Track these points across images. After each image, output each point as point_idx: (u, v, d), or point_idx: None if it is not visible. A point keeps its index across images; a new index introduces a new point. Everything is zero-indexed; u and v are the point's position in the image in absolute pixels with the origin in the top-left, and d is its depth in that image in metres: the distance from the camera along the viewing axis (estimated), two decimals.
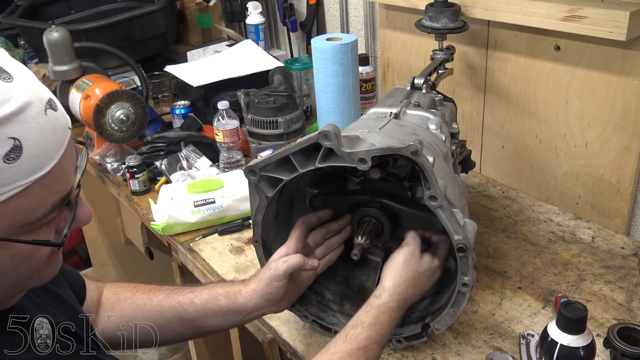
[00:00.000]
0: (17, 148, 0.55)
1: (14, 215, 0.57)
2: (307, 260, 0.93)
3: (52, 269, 0.68)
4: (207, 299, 0.94)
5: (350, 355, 0.79)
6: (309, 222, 1.01)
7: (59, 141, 0.60)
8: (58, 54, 1.68)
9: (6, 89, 0.56)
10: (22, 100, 0.56)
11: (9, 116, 0.55)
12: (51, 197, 0.60)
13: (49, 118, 0.59)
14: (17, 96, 0.56)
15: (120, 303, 0.97)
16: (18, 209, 0.57)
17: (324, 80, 1.52)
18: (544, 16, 1.21)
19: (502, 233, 1.28)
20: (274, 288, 0.92)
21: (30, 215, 0.59)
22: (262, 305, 0.93)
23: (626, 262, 1.17)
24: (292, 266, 0.91)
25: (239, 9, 2.20)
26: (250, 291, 0.93)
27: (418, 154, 0.81)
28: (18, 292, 0.66)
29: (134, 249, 2.01)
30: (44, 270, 0.66)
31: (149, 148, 1.60)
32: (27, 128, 0.56)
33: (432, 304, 0.99)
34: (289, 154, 0.87)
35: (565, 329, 0.81)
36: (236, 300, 0.93)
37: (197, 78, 1.79)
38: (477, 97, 1.51)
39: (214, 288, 0.96)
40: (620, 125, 1.22)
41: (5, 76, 0.57)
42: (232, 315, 0.93)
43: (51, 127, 0.59)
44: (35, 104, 0.58)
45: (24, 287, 0.66)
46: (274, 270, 0.92)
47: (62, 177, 0.61)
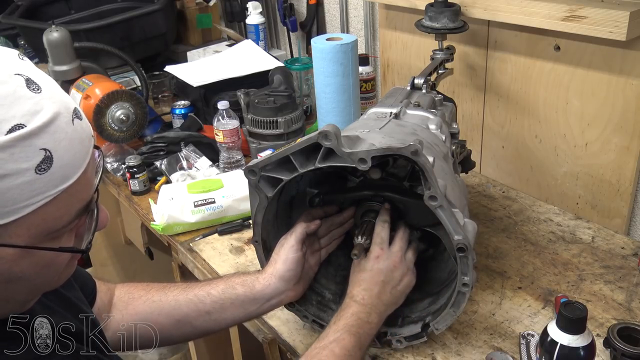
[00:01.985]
0: (48, 159, 0.56)
1: (42, 224, 0.58)
2: (309, 224, 0.96)
3: (68, 272, 0.69)
4: (223, 289, 0.94)
5: (324, 348, 0.83)
6: (316, 214, 1.02)
7: (85, 150, 0.61)
8: (58, 54, 1.68)
9: (36, 101, 0.56)
10: (52, 112, 0.57)
11: (40, 128, 0.55)
12: (76, 205, 0.61)
13: (75, 128, 0.60)
14: (47, 107, 0.57)
15: (134, 301, 0.97)
16: (46, 218, 0.58)
17: (324, 80, 1.52)
18: (544, 16, 1.21)
19: (502, 233, 1.28)
20: (290, 263, 0.93)
21: (57, 224, 0.60)
22: (280, 290, 0.94)
23: (626, 262, 1.17)
24: (300, 233, 0.94)
25: (239, 9, 2.20)
26: (267, 276, 0.94)
27: (418, 154, 0.81)
28: (36, 296, 0.67)
29: (134, 249, 2.01)
30: (62, 274, 0.67)
31: (149, 148, 1.60)
32: (57, 139, 0.57)
33: (432, 304, 0.99)
34: (289, 154, 0.87)
35: (565, 329, 0.81)
36: (254, 288, 0.93)
37: (197, 78, 1.79)
38: (477, 97, 1.51)
39: (230, 278, 0.97)
40: (620, 125, 1.22)
41: (34, 87, 0.57)
42: (250, 304, 0.94)
43: (78, 136, 0.60)
44: (63, 115, 0.58)
45: (42, 290, 0.68)
46: (285, 244, 0.94)
47: (87, 185, 0.62)
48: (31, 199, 0.56)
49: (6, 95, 0.54)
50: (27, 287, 0.63)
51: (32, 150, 0.55)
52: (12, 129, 0.54)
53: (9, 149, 0.53)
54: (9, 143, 0.53)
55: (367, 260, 0.94)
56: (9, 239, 0.57)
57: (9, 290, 0.61)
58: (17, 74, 0.57)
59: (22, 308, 0.66)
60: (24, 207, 0.56)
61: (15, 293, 0.62)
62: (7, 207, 0.55)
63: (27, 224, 0.57)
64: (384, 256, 0.93)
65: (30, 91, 0.56)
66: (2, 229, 0.56)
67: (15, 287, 0.61)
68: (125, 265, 2.31)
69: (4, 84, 0.55)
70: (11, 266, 0.59)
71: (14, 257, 0.58)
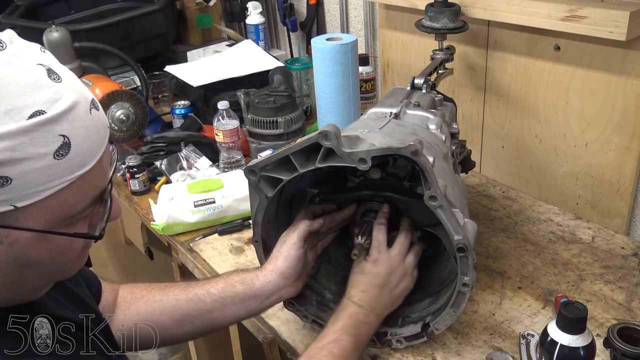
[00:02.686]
0: (66, 145, 0.59)
1: (58, 209, 0.61)
2: (313, 222, 0.96)
3: (80, 262, 0.71)
4: (223, 287, 0.95)
5: (323, 349, 0.84)
6: (315, 210, 1.02)
7: (101, 139, 0.64)
8: (58, 54, 1.65)
9: (56, 89, 0.59)
10: (71, 100, 0.60)
11: (60, 115, 0.58)
12: (91, 192, 0.64)
13: (93, 117, 0.62)
14: (66, 96, 0.59)
15: (136, 301, 0.98)
16: (62, 203, 0.61)
17: (324, 80, 1.52)
18: (544, 16, 1.21)
19: (502, 233, 1.28)
20: (291, 260, 0.93)
21: (72, 210, 0.62)
22: (280, 286, 0.94)
23: (626, 262, 1.17)
24: (303, 231, 0.95)
25: (239, 9, 2.20)
26: (267, 273, 0.94)
27: (418, 154, 0.81)
28: (49, 283, 0.70)
29: (134, 249, 2.01)
30: (75, 263, 0.69)
31: (149, 148, 1.60)
32: (75, 126, 0.59)
33: (432, 304, 0.99)
34: (289, 154, 0.87)
35: (565, 329, 0.81)
36: (253, 285, 0.94)
37: (197, 78, 1.79)
38: (477, 97, 1.51)
39: (229, 276, 0.97)
40: (620, 125, 1.22)
41: (55, 77, 0.60)
42: (250, 301, 0.94)
43: (95, 125, 0.62)
44: (81, 104, 0.61)
45: (55, 278, 0.70)
46: (288, 240, 0.94)
47: (102, 174, 0.65)
48: (49, 184, 0.58)
49: (28, 83, 0.57)
50: (41, 272, 0.65)
51: (51, 135, 0.57)
52: (33, 114, 0.56)
53: (29, 133, 0.56)
54: (29, 128, 0.56)
55: (366, 263, 0.95)
56: (26, 223, 0.59)
57: (24, 275, 0.64)
58: (39, 64, 0.60)
59: (35, 295, 0.69)
60: (42, 191, 0.58)
61: (30, 278, 0.64)
62: (26, 191, 0.57)
63: (44, 209, 0.59)
64: (382, 260, 0.94)
65: (51, 80, 0.59)
66: (20, 212, 0.58)
67: (30, 273, 0.64)
68: (125, 265, 2.31)
69: (27, 72, 0.58)
70: (27, 250, 0.61)
71: (30, 241, 0.60)
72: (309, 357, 0.83)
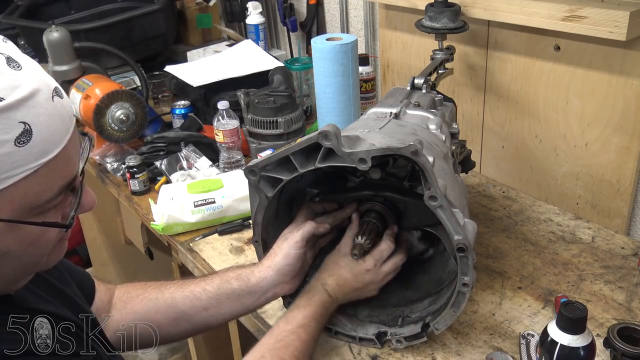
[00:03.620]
0: (27, 132, 0.58)
1: (24, 198, 0.60)
2: (318, 225, 0.96)
3: (57, 254, 0.71)
4: (219, 284, 0.95)
5: (292, 333, 0.86)
6: (316, 208, 1.02)
7: (66, 127, 0.63)
8: (58, 54, 1.68)
9: (16, 77, 0.59)
10: (30, 87, 0.59)
11: (19, 102, 0.58)
12: (58, 181, 0.63)
13: (55, 105, 0.62)
14: (26, 83, 0.59)
15: (132, 300, 0.97)
16: (28, 192, 0.60)
17: (324, 80, 1.52)
18: (544, 16, 1.21)
19: (502, 233, 1.28)
20: (291, 258, 0.94)
21: (39, 198, 0.62)
22: (276, 282, 0.94)
23: (626, 262, 1.17)
24: (307, 231, 0.94)
25: (239, 9, 2.20)
26: (263, 269, 0.94)
27: (418, 154, 0.81)
28: (25, 276, 0.69)
29: (134, 249, 2.01)
30: (51, 255, 0.69)
31: (149, 148, 1.60)
32: (36, 113, 0.59)
33: (432, 304, 0.99)
34: (289, 154, 0.87)
35: (565, 329, 0.81)
36: (249, 281, 0.94)
37: (197, 78, 1.79)
38: (477, 97, 1.51)
39: (225, 273, 0.97)
40: (620, 125, 1.22)
41: (14, 65, 0.60)
42: (246, 298, 0.94)
43: (58, 113, 0.62)
44: (43, 91, 0.61)
45: (31, 270, 0.69)
46: (290, 238, 0.94)
47: (68, 162, 0.64)
48: (12, 171, 0.58)
49: None
50: (13, 264, 0.64)
51: (11, 123, 0.57)
52: None
53: None
54: None
55: (357, 265, 0.96)
56: None
57: None
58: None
59: (11, 287, 0.68)
60: (5, 179, 0.58)
61: (2, 270, 0.64)
62: None
63: (9, 197, 0.59)
64: (372, 272, 0.96)
65: (10, 68, 0.59)
66: None
67: (1, 264, 0.63)
68: (125, 265, 2.32)
69: None
70: None
71: None
72: (278, 339, 0.85)
